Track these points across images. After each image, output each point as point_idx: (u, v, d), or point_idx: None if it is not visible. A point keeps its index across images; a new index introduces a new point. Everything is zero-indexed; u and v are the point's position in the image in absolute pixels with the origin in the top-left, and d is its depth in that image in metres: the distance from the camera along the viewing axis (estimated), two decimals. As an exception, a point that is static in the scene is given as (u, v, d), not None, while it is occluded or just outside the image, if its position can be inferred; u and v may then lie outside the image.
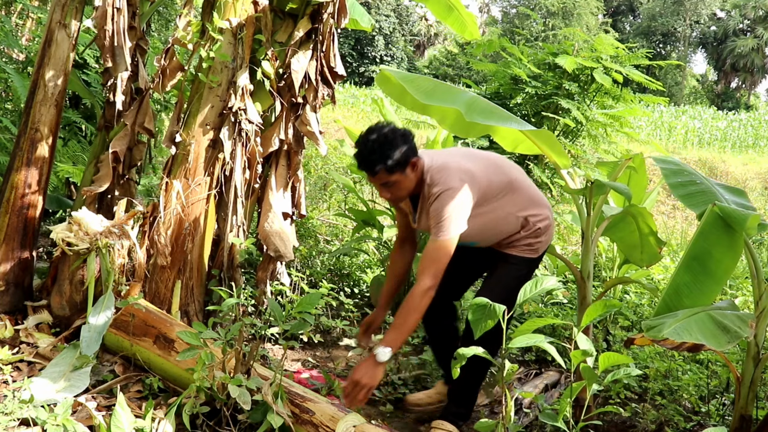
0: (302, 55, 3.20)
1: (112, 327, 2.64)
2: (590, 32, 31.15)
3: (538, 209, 2.54)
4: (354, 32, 30.60)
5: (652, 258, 2.98)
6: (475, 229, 2.43)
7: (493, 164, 2.53)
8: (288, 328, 2.36)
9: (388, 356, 2.17)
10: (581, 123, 5.29)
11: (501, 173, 2.51)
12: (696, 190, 2.49)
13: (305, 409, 2.31)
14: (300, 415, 2.29)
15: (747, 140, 19.44)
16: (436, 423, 2.54)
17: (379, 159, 2.27)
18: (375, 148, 2.27)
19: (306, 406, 2.32)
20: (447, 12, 3.94)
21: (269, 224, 3.29)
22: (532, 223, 2.51)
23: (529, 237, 2.53)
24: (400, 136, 2.30)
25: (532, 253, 2.55)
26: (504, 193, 2.47)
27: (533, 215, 2.52)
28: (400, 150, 2.27)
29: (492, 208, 2.45)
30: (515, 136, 3.05)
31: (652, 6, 40.22)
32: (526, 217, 2.50)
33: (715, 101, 37.52)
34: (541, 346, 1.91)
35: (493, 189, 2.44)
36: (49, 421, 2.02)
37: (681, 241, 7.46)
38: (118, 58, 3.10)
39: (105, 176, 3.21)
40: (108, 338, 2.65)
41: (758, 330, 2.31)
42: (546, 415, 1.98)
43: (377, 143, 2.27)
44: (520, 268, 2.56)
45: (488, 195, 2.42)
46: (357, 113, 18.32)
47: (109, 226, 2.85)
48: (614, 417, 2.85)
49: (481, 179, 2.40)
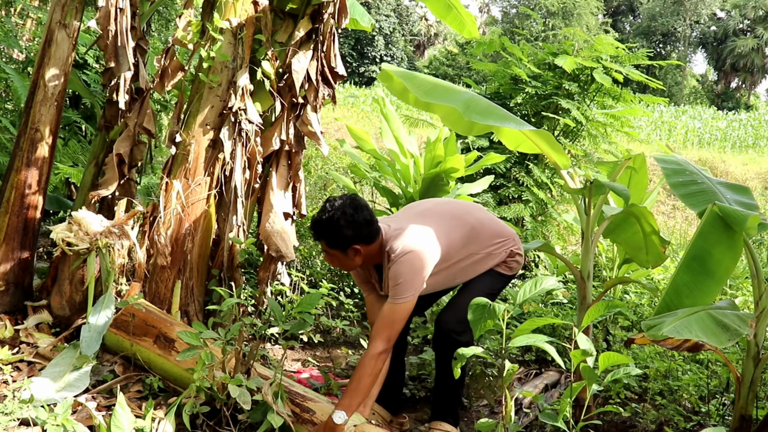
0: (303, 55, 3.20)
1: (113, 327, 2.64)
2: (590, 32, 31.15)
3: (504, 238, 2.62)
4: (354, 32, 30.60)
5: (658, 258, 2.97)
6: (449, 278, 2.54)
7: (450, 216, 2.57)
8: (288, 328, 2.36)
9: (343, 419, 2.18)
10: (581, 123, 5.29)
11: (460, 224, 2.55)
12: (697, 190, 2.48)
13: (306, 409, 2.31)
14: (301, 414, 2.29)
15: (747, 140, 19.43)
16: (435, 424, 2.55)
17: (321, 233, 2.35)
18: (322, 223, 2.33)
19: (307, 405, 2.32)
20: (446, 11, 3.94)
21: (270, 224, 3.29)
22: (504, 250, 2.59)
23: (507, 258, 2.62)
24: (352, 226, 2.30)
25: (508, 271, 2.64)
26: (466, 241, 2.53)
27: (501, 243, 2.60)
28: (344, 237, 2.31)
29: (458, 258, 2.52)
30: (517, 134, 3.05)
31: (652, 6, 40.21)
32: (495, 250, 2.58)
33: (715, 101, 37.51)
34: (541, 346, 1.91)
35: (454, 243, 2.49)
36: (49, 421, 2.02)
37: (681, 241, 7.47)
38: (121, 58, 3.10)
39: (111, 179, 3.21)
40: (108, 338, 2.65)
41: (758, 330, 2.31)
42: (546, 415, 1.98)
43: (325, 219, 2.32)
44: (496, 281, 2.64)
45: (450, 249, 2.47)
46: (357, 113, 18.33)
47: (109, 226, 2.85)
48: (614, 417, 2.85)
49: (441, 237, 2.44)
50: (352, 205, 2.33)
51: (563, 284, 4.85)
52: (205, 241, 3.16)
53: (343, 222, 2.29)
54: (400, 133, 4.45)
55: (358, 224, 2.32)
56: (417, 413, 2.85)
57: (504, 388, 2.03)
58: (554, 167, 3.25)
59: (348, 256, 2.36)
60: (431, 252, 2.38)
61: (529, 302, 3.83)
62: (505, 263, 2.61)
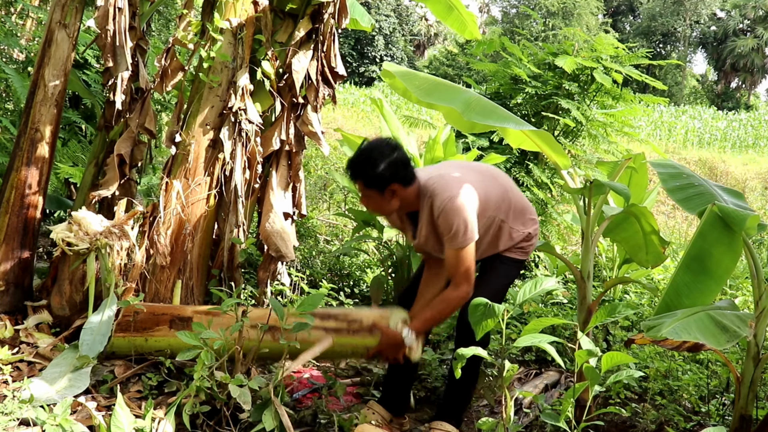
0: (303, 55, 3.20)
1: (119, 331, 2.63)
2: (590, 32, 31.14)
3: (530, 216, 2.60)
4: (354, 32, 30.59)
5: (657, 258, 2.97)
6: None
7: (488, 176, 2.56)
8: (288, 328, 2.36)
9: (410, 340, 2.30)
10: (581, 123, 5.29)
11: (497, 184, 2.54)
12: (694, 193, 2.49)
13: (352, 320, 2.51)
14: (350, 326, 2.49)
15: (747, 140, 19.43)
16: (435, 424, 2.55)
17: (358, 172, 2.36)
18: (359, 161, 2.35)
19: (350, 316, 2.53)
20: (447, 12, 3.94)
21: (270, 224, 3.29)
22: (524, 231, 2.56)
23: (522, 242, 2.58)
24: (387, 160, 2.31)
25: (523, 256, 2.61)
26: (499, 203, 2.50)
27: (526, 223, 2.57)
28: (383, 176, 2.31)
29: (489, 219, 2.48)
30: (519, 133, 3.05)
31: (652, 6, 40.19)
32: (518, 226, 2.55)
33: (715, 101, 37.50)
34: (543, 347, 1.91)
35: (491, 201, 2.47)
36: (48, 421, 2.02)
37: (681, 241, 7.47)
38: (119, 58, 3.10)
39: (112, 179, 3.21)
40: (117, 343, 2.63)
41: (758, 330, 2.31)
42: (547, 415, 1.98)
43: (363, 157, 2.35)
44: (510, 268, 2.61)
45: (486, 207, 2.45)
46: (357, 113, 18.32)
47: (109, 226, 2.85)
48: (614, 417, 2.85)
49: (479, 190, 2.42)
50: (389, 145, 2.35)
51: (563, 284, 4.86)
52: (205, 241, 3.16)
53: (380, 160, 2.30)
54: (399, 134, 4.44)
55: (396, 163, 2.32)
56: (417, 413, 2.84)
57: (504, 388, 2.03)
58: (554, 167, 3.25)
59: (385, 197, 2.36)
60: (474, 200, 2.38)
61: (529, 302, 3.83)
62: (521, 248, 2.57)
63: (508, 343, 2.08)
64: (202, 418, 2.27)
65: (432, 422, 2.57)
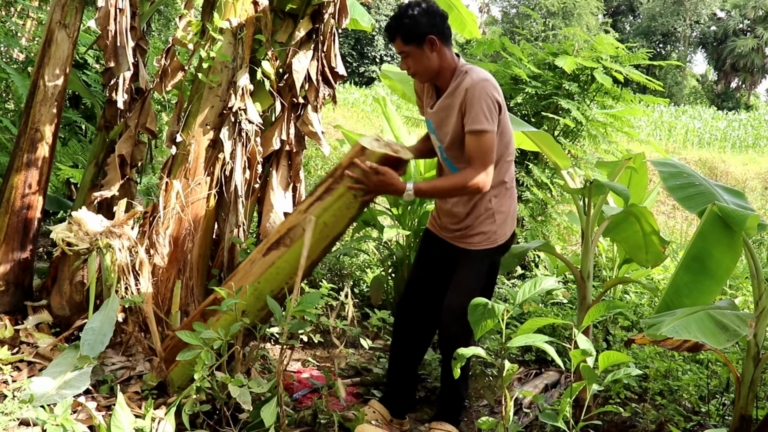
0: (303, 55, 3.20)
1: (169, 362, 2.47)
2: (590, 32, 31.14)
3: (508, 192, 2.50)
4: (354, 32, 30.59)
5: (657, 258, 2.98)
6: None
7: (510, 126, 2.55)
8: (288, 328, 2.36)
9: (409, 193, 2.29)
10: (581, 123, 5.28)
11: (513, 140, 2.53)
12: (695, 192, 2.49)
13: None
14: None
15: (747, 140, 19.43)
16: (435, 424, 2.55)
17: (397, 27, 2.33)
18: (395, 16, 2.35)
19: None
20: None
21: (271, 224, 3.29)
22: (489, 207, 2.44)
23: (482, 224, 2.46)
24: (428, 14, 2.33)
25: (489, 243, 2.48)
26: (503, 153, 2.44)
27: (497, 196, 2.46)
28: (420, 25, 2.30)
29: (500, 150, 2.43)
30: (518, 133, 3.05)
31: (652, 6, 40.20)
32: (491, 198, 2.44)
33: (715, 101, 37.50)
34: (540, 346, 1.91)
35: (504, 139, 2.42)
36: (49, 421, 2.02)
37: (681, 241, 7.47)
38: (121, 58, 3.10)
39: (113, 179, 3.21)
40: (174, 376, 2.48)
41: (758, 330, 2.31)
42: (546, 415, 1.98)
43: (398, 12, 2.35)
44: (481, 263, 2.50)
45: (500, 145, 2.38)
46: (357, 113, 18.32)
47: (109, 226, 2.85)
48: (614, 417, 2.85)
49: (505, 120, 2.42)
50: (424, 0, 2.36)
51: (563, 284, 4.85)
52: (205, 241, 3.16)
53: (418, 10, 2.31)
54: (400, 133, 4.44)
55: (434, 13, 2.34)
56: (417, 413, 2.85)
57: (504, 388, 2.03)
58: (554, 167, 3.25)
59: (424, 52, 2.33)
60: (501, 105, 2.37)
61: (529, 302, 3.83)
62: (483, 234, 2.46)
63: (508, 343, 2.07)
64: (202, 418, 2.27)
65: (431, 423, 2.58)
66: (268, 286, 2.43)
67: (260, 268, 2.46)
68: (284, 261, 2.42)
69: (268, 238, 2.52)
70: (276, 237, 2.47)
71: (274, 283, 2.43)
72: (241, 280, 2.47)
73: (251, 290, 2.39)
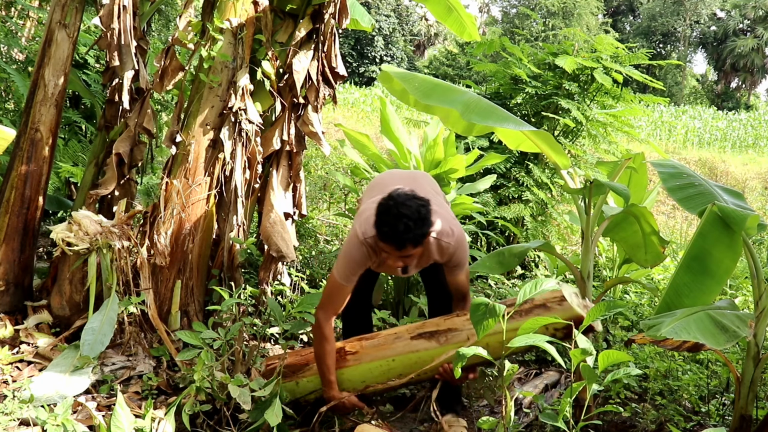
0: (303, 56, 3.20)
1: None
2: (590, 32, 31.13)
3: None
4: (354, 32, 30.58)
5: (656, 258, 2.97)
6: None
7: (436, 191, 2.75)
8: (288, 328, 2.36)
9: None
10: (581, 123, 5.28)
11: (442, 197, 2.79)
12: (694, 193, 2.49)
13: None
14: None
15: (747, 140, 19.42)
16: (449, 420, 2.56)
17: (419, 237, 2.23)
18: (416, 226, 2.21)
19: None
20: (447, 13, 3.94)
21: (271, 224, 3.29)
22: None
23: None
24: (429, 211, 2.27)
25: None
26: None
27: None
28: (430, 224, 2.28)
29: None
30: (518, 134, 3.05)
31: (652, 6, 40.18)
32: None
33: (715, 101, 37.50)
34: (541, 345, 1.91)
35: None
36: (49, 421, 2.02)
37: (681, 241, 7.46)
38: (125, 57, 3.10)
39: (110, 179, 3.22)
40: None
41: (758, 330, 2.31)
42: (546, 415, 1.98)
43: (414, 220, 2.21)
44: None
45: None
46: (357, 113, 18.32)
47: (109, 226, 2.85)
48: (614, 417, 2.85)
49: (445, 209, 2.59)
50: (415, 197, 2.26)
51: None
52: (205, 241, 3.16)
53: (425, 211, 2.25)
54: (400, 134, 4.44)
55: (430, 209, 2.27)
56: (417, 413, 2.84)
57: (504, 388, 2.03)
58: (554, 167, 3.25)
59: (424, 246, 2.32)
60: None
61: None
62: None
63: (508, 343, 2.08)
64: (202, 418, 2.27)
65: (443, 419, 2.58)
66: (399, 369, 2.41)
67: (403, 348, 2.43)
68: (428, 355, 2.38)
69: (425, 324, 2.49)
70: (433, 328, 2.45)
71: (406, 368, 2.40)
72: (379, 348, 2.46)
73: (384, 363, 2.40)
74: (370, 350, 2.43)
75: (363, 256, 2.37)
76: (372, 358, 2.41)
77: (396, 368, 2.39)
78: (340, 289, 2.40)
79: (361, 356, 2.45)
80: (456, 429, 2.55)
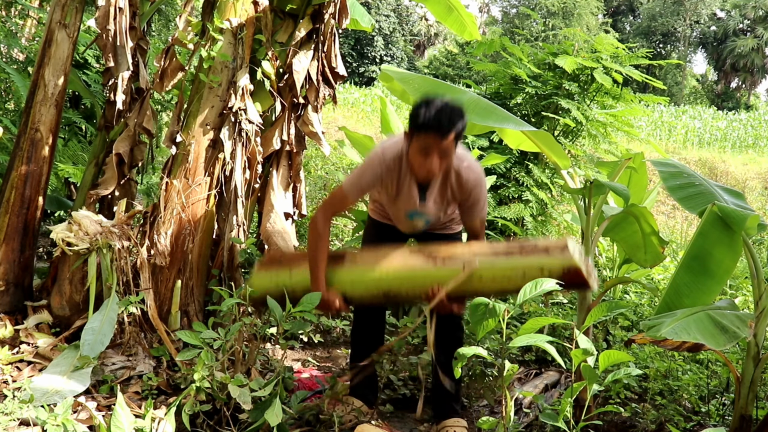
0: (303, 56, 3.20)
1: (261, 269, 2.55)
2: (590, 32, 31.13)
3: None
4: (354, 32, 30.59)
5: (656, 258, 2.97)
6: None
7: None
8: (288, 328, 2.36)
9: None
10: (581, 123, 5.29)
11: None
12: (695, 192, 2.49)
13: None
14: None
15: (747, 140, 19.43)
16: (451, 422, 2.56)
17: (456, 121, 2.18)
18: (451, 110, 2.18)
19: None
20: (447, 13, 3.94)
21: (271, 224, 3.29)
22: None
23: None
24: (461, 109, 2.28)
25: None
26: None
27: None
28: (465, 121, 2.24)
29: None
30: (518, 133, 3.06)
31: (652, 6, 40.19)
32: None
33: (715, 101, 37.51)
34: (541, 346, 1.91)
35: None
36: (49, 421, 2.02)
37: (681, 241, 7.47)
38: (120, 58, 3.10)
39: (110, 178, 3.22)
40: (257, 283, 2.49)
41: (758, 330, 2.31)
42: (546, 415, 1.98)
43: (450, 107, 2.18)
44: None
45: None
46: (357, 113, 18.32)
47: (109, 226, 2.85)
48: (614, 417, 2.85)
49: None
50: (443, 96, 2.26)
51: (563, 284, 4.84)
52: (205, 241, 3.16)
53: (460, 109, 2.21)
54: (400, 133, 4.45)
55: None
56: (416, 413, 2.84)
57: (504, 388, 2.03)
58: (554, 167, 3.25)
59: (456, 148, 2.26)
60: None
61: (529, 302, 3.83)
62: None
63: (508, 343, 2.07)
64: (202, 418, 2.27)
65: (446, 421, 2.58)
66: (395, 284, 2.35)
67: (399, 260, 2.36)
68: (422, 274, 2.32)
69: (426, 246, 2.44)
70: (429, 251, 2.38)
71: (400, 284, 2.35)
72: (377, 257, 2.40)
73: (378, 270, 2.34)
74: (368, 257, 2.42)
75: (375, 176, 2.37)
76: (367, 264, 2.38)
77: (388, 279, 2.34)
78: (343, 198, 2.43)
79: (357, 260, 2.45)
80: (456, 429, 2.55)
